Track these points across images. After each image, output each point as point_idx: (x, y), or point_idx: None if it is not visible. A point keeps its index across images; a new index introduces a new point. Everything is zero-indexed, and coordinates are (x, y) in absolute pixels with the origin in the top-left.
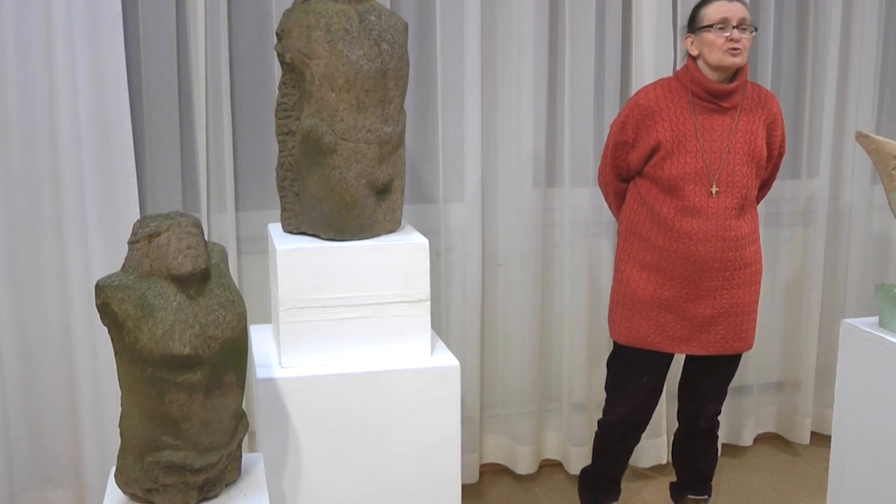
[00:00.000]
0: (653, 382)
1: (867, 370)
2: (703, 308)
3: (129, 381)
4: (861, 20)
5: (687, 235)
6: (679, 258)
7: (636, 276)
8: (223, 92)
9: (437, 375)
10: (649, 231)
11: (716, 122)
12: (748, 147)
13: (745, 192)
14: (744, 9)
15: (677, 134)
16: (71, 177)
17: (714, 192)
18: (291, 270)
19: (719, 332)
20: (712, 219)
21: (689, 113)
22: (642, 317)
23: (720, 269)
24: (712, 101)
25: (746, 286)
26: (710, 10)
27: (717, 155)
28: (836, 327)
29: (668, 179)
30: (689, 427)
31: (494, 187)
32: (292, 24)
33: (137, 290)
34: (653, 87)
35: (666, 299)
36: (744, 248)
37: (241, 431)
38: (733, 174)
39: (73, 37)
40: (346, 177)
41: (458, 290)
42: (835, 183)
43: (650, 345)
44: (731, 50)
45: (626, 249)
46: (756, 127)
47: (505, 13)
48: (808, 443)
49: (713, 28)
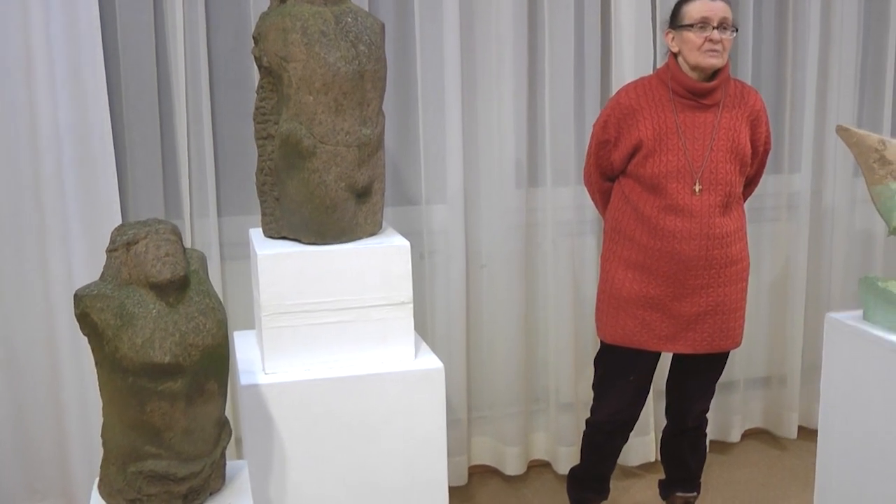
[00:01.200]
0: (640, 381)
1: (852, 363)
2: (689, 306)
3: (110, 391)
4: (840, 14)
5: (671, 234)
6: (664, 256)
7: (621, 274)
8: (203, 97)
9: (421, 378)
10: (634, 229)
11: (698, 120)
12: (731, 144)
13: (729, 189)
14: (726, 8)
15: (659, 132)
16: (52, 185)
17: (697, 189)
18: (273, 276)
19: (706, 330)
20: (696, 216)
21: (671, 111)
22: (628, 315)
23: (705, 267)
24: (693, 99)
25: (733, 284)
26: (692, 7)
27: (700, 152)
28: (822, 321)
29: (651, 178)
30: (677, 425)
31: (476, 188)
32: (268, 28)
33: (116, 298)
34: (633, 86)
35: (651, 297)
36: (729, 245)
37: (224, 439)
38: (716, 171)
39: (52, 44)
40: (325, 180)
41: (442, 291)
42: (817, 177)
43: (636, 343)
44: (710, 51)
45: (612, 248)
46: (739, 124)
47: (483, 13)
48: (795, 437)
49: (693, 27)
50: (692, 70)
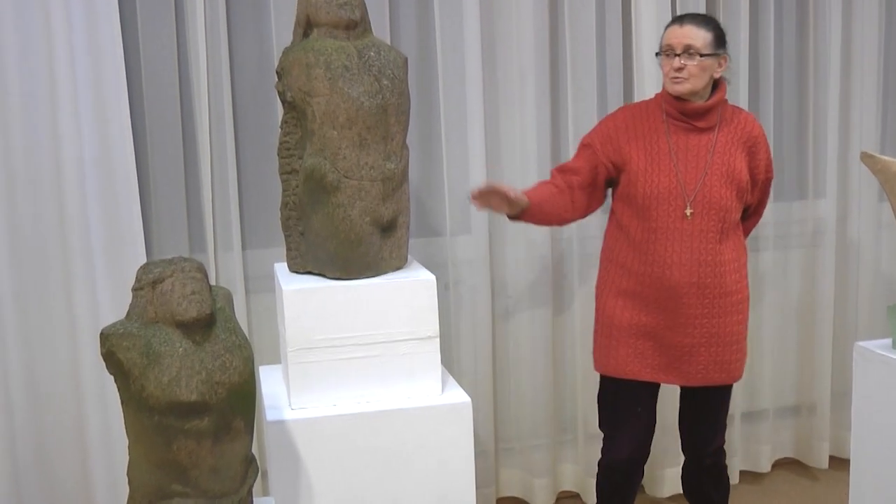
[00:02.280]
0: (647, 414)
1: (882, 392)
2: (683, 336)
3: (136, 430)
4: (861, 40)
5: (661, 259)
6: (654, 282)
7: (612, 302)
8: (227, 131)
9: (448, 412)
10: (626, 256)
11: (692, 142)
12: (727, 168)
13: (724, 214)
14: (693, 33)
15: (650, 153)
16: (77, 220)
17: (689, 213)
18: (298, 311)
19: (700, 362)
20: (687, 241)
21: (664, 132)
22: (621, 344)
23: (698, 296)
24: (686, 121)
25: (729, 315)
26: (664, 35)
27: (694, 175)
28: (850, 348)
29: (641, 199)
30: (695, 463)
31: (501, 218)
32: (292, 63)
33: (142, 337)
34: (630, 106)
35: (644, 326)
36: (724, 275)
37: (251, 476)
38: (710, 195)
39: (76, 80)
40: (350, 215)
41: (467, 323)
42: (842, 203)
43: (629, 373)
44: (674, 78)
45: (605, 276)
46: (735, 148)
47: (504, 44)
48: (826, 467)
49: (661, 56)
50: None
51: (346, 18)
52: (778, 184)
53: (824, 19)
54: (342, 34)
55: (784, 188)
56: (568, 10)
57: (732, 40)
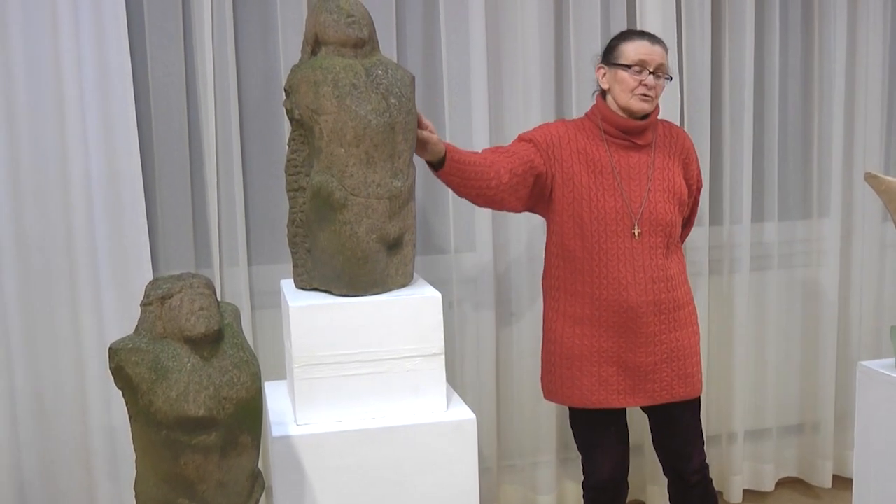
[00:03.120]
0: (619, 431)
1: (886, 412)
2: (645, 356)
3: (144, 444)
4: (865, 58)
5: (615, 280)
6: (611, 305)
7: (569, 331)
8: (233, 147)
9: (453, 429)
10: (575, 282)
11: (632, 161)
12: (668, 184)
13: (670, 230)
14: (664, 54)
15: (593, 171)
16: (83, 235)
17: (637, 233)
18: (305, 327)
19: (664, 379)
20: (638, 260)
21: (605, 151)
22: (583, 374)
23: (655, 313)
24: (626, 139)
25: (683, 328)
26: (630, 48)
27: (638, 194)
28: (853, 368)
29: (588, 220)
30: (680, 483)
31: (505, 236)
32: (300, 81)
33: (151, 352)
34: (563, 122)
35: (605, 351)
36: (674, 288)
37: (257, 491)
38: (656, 213)
39: (83, 95)
40: (357, 232)
41: (471, 340)
42: (846, 222)
43: (595, 403)
44: (642, 96)
45: (555, 306)
46: (673, 164)
47: (510, 63)
48: (830, 486)
49: (630, 69)
50: (621, 110)
51: (355, 37)
52: (782, 203)
53: (829, 39)
54: (350, 52)
55: (788, 207)
56: (573, 26)
57: (737, 58)
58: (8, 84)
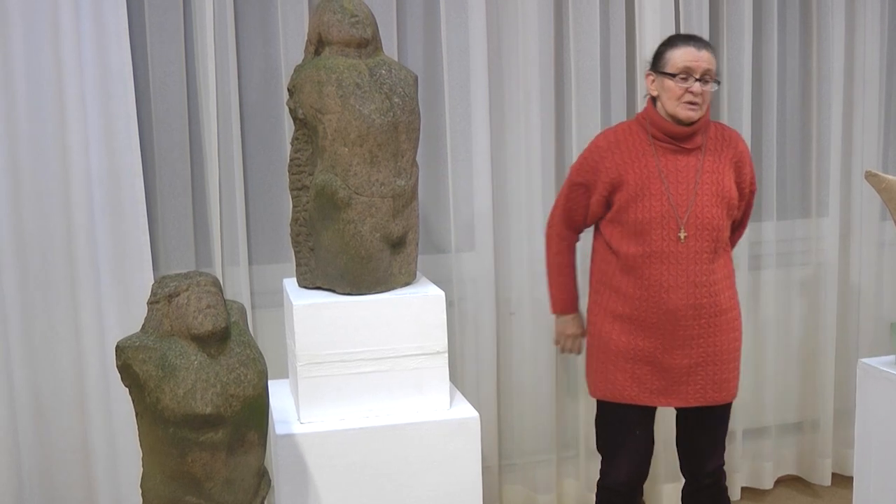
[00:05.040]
0: (645, 435)
1: (886, 410)
2: (681, 358)
3: (151, 442)
4: (863, 58)
5: (657, 282)
6: (651, 306)
7: (608, 327)
8: (234, 147)
9: (456, 427)
10: (619, 280)
11: (680, 164)
12: (717, 188)
13: (717, 234)
14: (710, 59)
15: (641, 176)
16: (83, 234)
17: (682, 236)
18: (308, 326)
19: (698, 382)
20: (682, 264)
21: (652, 155)
22: (618, 369)
23: (694, 317)
24: (673, 143)
25: (724, 333)
26: (676, 55)
27: (685, 197)
28: (852, 366)
29: (634, 224)
30: (694, 483)
31: (506, 236)
32: (304, 80)
33: (158, 350)
34: (612, 130)
35: (641, 350)
36: (718, 293)
37: (263, 489)
38: (702, 217)
39: (84, 94)
40: (360, 231)
41: (471, 339)
42: (845, 221)
43: (627, 398)
44: (689, 103)
45: (598, 300)
46: (723, 167)
47: (511, 62)
48: (829, 484)
49: (675, 77)
50: (669, 117)
51: (358, 37)
52: (781, 202)
53: (827, 38)
54: (354, 52)
55: (787, 206)
56: (572, 27)
57: (736, 59)
58: (9, 84)
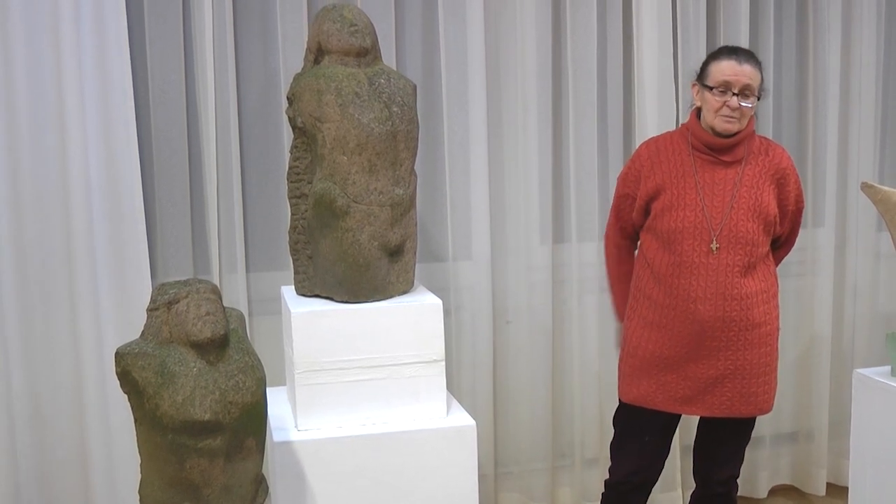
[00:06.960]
0: (657, 442)
1: (882, 420)
2: (707, 368)
3: (149, 448)
4: (859, 70)
5: (686, 293)
6: (679, 316)
7: (639, 333)
8: (233, 154)
9: (453, 435)
10: (651, 288)
11: (718, 176)
12: (754, 202)
13: (751, 248)
14: (752, 74)
15: (678, 186)
16: (82, 241)
17: (714, 248)
18: (306, 333)
19: (725, 394)
20: (712, 276)
21: (690, 166)
22: (644, 375)
23: (723, 329)
24: (713, 155)
25: (755, 348)
26: (717, 68)
27: (719, 209)
28: (847, 376)
29: (667, 233)
30: (704, 489)
31: (503, 245)
32: (303, 89)
33: (157, 357)
34: (654, 140)
35: (668, 358)
36: (750, 307)
37: (261, 495)
38: (736, 230)
39: (84, 102)
40: (359, 239)
41: (468, 347)
42: (840, 232)
43: (651, 404)
44: (727, 117)
45: (633, 306)
46: (763, 182)
47: (509, 72)
48: (823, 494)
49: (713, 90)
50: (709, 128)
51: (357, 46)
52: None
53: (823, 49)
54: (353, 61)
55: None
56: (570, 35)
57: None
58: (10, 93)
